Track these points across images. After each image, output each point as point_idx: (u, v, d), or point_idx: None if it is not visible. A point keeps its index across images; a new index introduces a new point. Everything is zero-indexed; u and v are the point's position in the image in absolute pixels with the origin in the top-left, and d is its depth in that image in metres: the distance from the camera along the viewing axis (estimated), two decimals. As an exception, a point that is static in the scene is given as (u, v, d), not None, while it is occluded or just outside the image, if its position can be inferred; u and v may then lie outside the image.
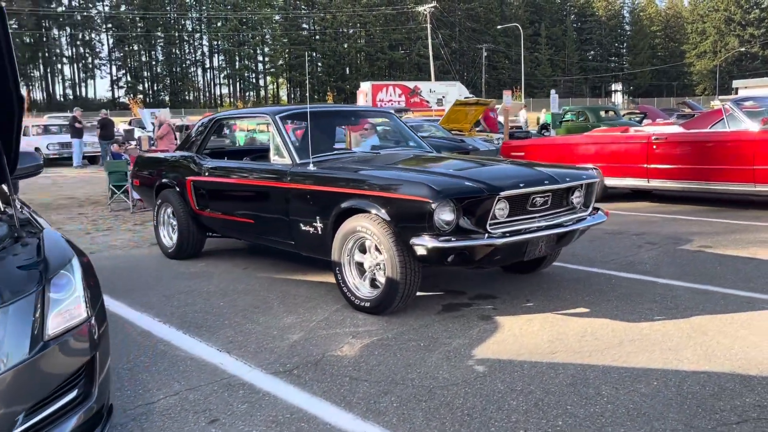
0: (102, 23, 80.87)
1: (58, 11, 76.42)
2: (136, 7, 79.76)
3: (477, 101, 16.57)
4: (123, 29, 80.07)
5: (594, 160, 8.73)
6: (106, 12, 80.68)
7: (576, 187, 4.16)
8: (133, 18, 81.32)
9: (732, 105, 7.60)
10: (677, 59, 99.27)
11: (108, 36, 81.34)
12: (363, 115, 5.73)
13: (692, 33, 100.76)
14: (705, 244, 5.82)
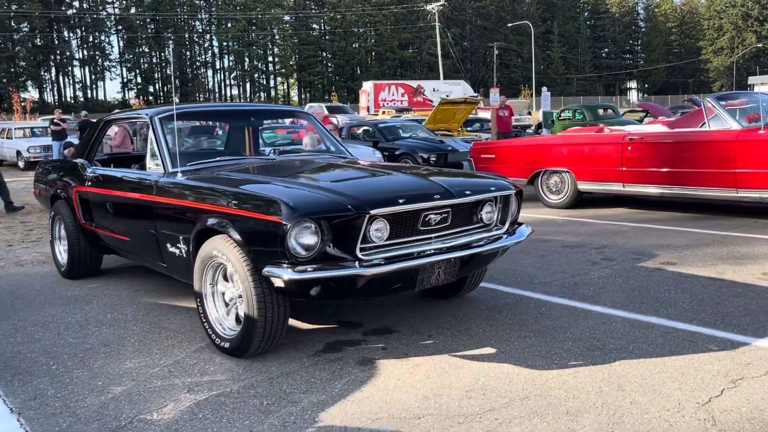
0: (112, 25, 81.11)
1: (68, 14, 76.77)
2: (146, 8, 79.91)
3: (464, 100, 15.84)
4: (133, 31, 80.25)
5: (567, 162, 8.01)
6: (116, 14, 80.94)
7: (485, 200, 3.48)
8: (143, 20, 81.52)
9: (713, 101, 6.84)
10: (693, 56, 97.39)
11: (118, 38, 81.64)
12: (267, 115, 5.00)
13: (709, 29, 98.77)
14: (669, 259, 5.09)
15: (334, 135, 9.47)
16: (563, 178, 8.15)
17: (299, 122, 6.84)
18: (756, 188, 6.36)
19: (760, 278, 4.44)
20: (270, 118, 4.83)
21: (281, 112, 5.45)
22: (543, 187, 8.41)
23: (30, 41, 72.57)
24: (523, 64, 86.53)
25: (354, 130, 13.66)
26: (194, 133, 4.81)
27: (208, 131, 4.72)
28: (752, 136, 6.38)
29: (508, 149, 8.81)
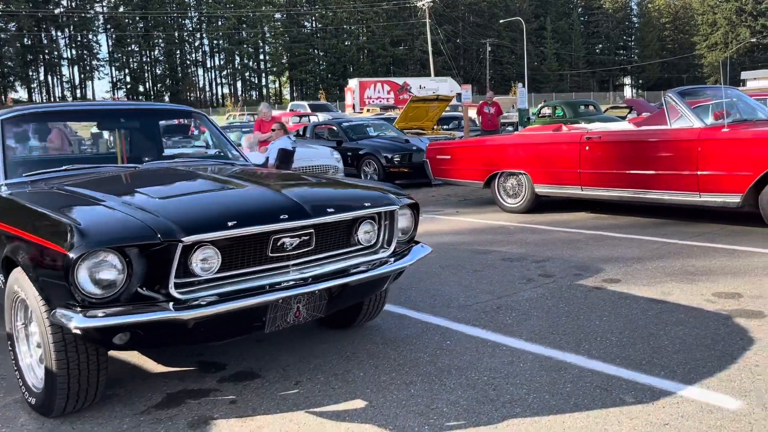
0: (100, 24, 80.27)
1: (56, 12, 75.94)
2: (135, 7, 79.11)
3: (437, 97, 15.23)
4: (122, 30, 79.44)
5: (524, 164, 7.42)
6: (104, 12, 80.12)
7: (362, 218, 2.88)
8: (132, 18, 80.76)
9: (674, 97, 6.25)
10: (687, 51, 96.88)
11: (107, 37, 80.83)
12: (141, 115, 4.30)
13: (702, 24, 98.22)
14: (614, 276, 4.50)
15: (277, 136, 8.90)
16: (520, 180, 7.56)
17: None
18: (719, 192, 5.77)
19: (708, 300, 3.85)
20: (147, 119, 4.16)
21: (160, 111, 4.71)
22: (500, 191, 7.82)
23: (19, 41, 71.75)
24: (516, 61, 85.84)
25: (318, 130, 13.05)
26: (40, 138, 4.19)
27: (60, 135, 4.13)
28: (715, 134, 5.79)
29: (463, 150, 8.21)
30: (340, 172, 10.44)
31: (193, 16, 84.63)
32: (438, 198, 9.61)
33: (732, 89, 6.99)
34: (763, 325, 3.39)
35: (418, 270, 4.93)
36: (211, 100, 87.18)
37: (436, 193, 10.17)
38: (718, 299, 3.87)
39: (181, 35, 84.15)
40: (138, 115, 4.14)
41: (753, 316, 3.54)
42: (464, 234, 6.48)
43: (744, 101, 6.84)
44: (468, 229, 6.73)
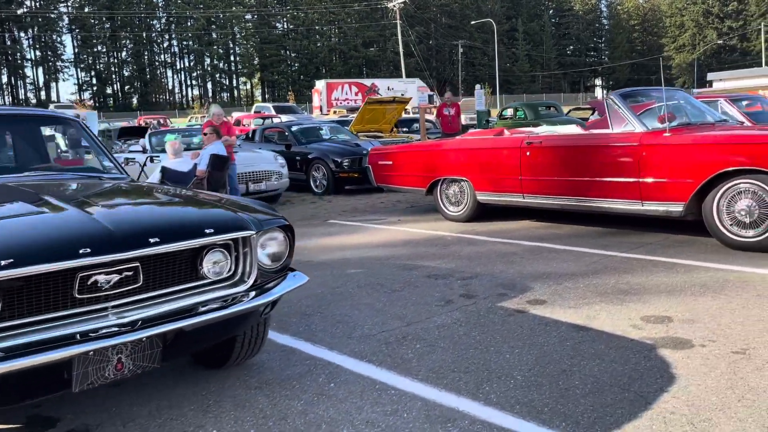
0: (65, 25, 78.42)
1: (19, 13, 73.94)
2: (101, 7, 77.43)
3: (393, 99, 14.81)
4: (87, 30, 77.71)
5: (465, 170, 7.02)
6: (69, 13, 78.28)
7: (206, 247, 2.42)
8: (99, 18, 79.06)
9: (616, 99, 5.89)
10: (656, 53, 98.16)
11: (72, 37, 78.97)
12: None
13: (671, 26, 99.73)
14: (540, 296, 4.11)
15: (209, 141, 8.38)
16: (462, 187, 7.16)
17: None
18: (662, 200, 5.43)
19: (634, 326, 3.47)
20: (13, 126, 3.61)
21: (21, 117, 4.09)
22: (442, 198, 7.42)
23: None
24: (489, 62, 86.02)
25: (268, 133, 12.54)
26: None
27: None
28: (657, 139, 5.45)
29: (405, 155, 7.79)
30: (284, 177, 9.98)
31: (162, 16, 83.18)
32: (386, 204, 9.19)
33: (678, 91, 6.68)
34: (688, 357, 3.00)
35: (333, 291, 4.49)
36: (181, 101, 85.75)
37: (385, 199, 9.75)
38: (645, 324, 3.49)
39: (149, 36, 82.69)
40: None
41: (679, 345, 3.16)
42: (397, 246, 6.05)
43: (691, 104, 6.54)
44: (402, 241, 6.31)
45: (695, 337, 3.26)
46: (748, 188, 4.97)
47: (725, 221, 5.13)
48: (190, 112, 50.73)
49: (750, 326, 3.37)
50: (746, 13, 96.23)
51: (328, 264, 5.38)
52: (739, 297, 3.89)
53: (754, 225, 4.98)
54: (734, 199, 5.06)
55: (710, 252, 5.07)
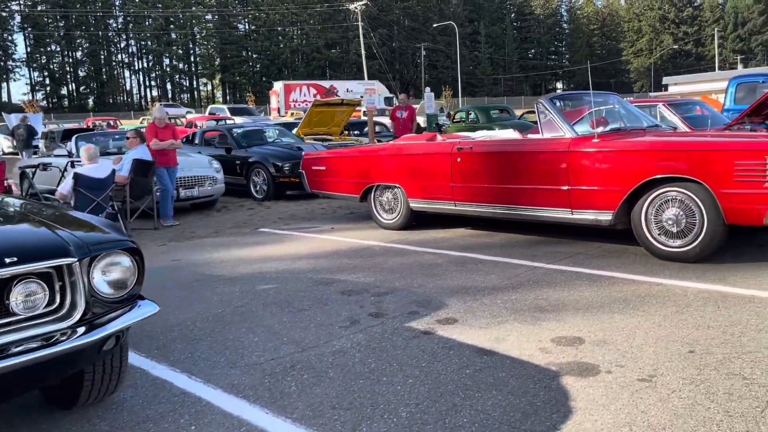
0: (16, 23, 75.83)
1: (-34, 10, 71.31)
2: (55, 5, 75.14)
3: (341, 101, 14.47)
4: (40, 29, 75.32)
5: (398, 176, 6.74)
6: (21, 11, 75.72)
7: (11, 278, 2.06)
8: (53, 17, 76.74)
9: (545, 103, 5.68)
10: (615, 57, 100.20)
11: (25, 36, 76.41)
12: None
13: (629, 31, 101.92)
14: (453, 314, 3.83)
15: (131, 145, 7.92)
16: (396, 194, 6.89)
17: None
18: (591, 208, 5.23)
19: (543, 349, 3.22)
20: None
21: None
22: (376, 205, 7.13)
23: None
24: (451, 65, 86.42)
25: (208, 136, 12.07)
26: None
27: None
28: (585, 146, 5.25)
29: (338, 160, 7.47)
30: (219, 183, 9.55)
31: (119, 15, 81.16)
32: (326, 211, 8.86)
33: (612, 95, 6.52)
34: (590, 386, 2.76)
35: (234, 310, 4.14)
36: (139, 103, 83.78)
37: (326, 205, 9.41)
38: (554, 347, 3.24)
39: (106, 35, 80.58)
40: None
41: (585, 372, 2.92)
42: (320, 257, 5.72)
43: (626, 109, 6.39)
44: (328, 252, 5.98)
45: (603, 362, 3.02)
46: (676, 197, 4.80)
47: (653, 230, 4.95)
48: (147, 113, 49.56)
49: (663, 348, 3.15)
50: (701, 18, 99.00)
51: (240, 279, 5.03)
52: (657, 313, 3.68)
53: (681, 235, 4.81)
54: (662, 207, 4.89)
55: (638, 263, 4.89)
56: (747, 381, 2.72)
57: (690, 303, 3.84)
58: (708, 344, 3.17)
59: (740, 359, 2.96)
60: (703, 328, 3.41)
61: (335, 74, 79.57)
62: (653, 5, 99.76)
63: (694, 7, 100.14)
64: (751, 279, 4.27)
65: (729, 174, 4.46)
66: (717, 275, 4.41)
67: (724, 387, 2.68)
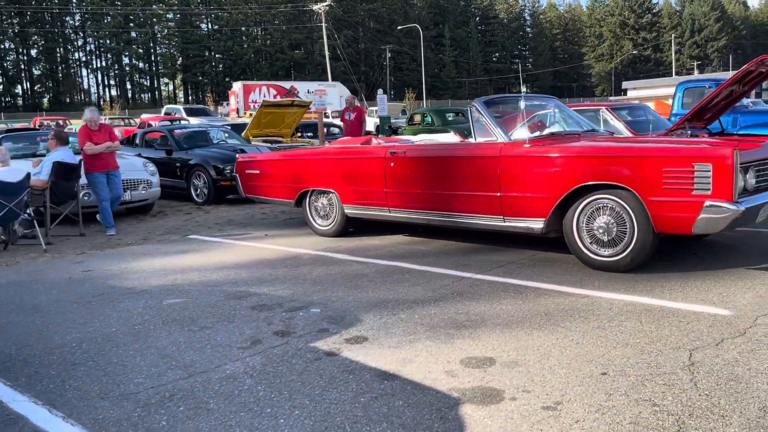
0: (-34, 18, 73.22)
1: None
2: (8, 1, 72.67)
3: (292, 102, 14.12)
4: (-8, 25, 72.78)
5: (332, 181, 6.46)
6: (-29, 6, 73.07)
7: None
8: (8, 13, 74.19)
9: (479, 107, 5.47)
10: (577, 61, 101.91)
11: (-24, 32, 73.74)
12: None
13: (590, 36, 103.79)
14: (365, 332, 3.57)
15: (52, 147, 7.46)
16: (330, 200, 6.61)
17: None
18: (522, 216, 5.04)
19: (449, 372, 2.97)
20: None
21: None
22: (311, 211, 6.84)
23: None
24: (417, 67, 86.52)
25: (150, 137, 11.60)
26: None
27: None
28: (516, 151, 5.05)
29: (272, 164, 7.15)
30: (155, 186, 9.12)
31: (75, 12, 78.92)
32: (266, 216, 8.53)
33: (551, 99, 6.36)
34: (491, 417, 2.52)
35: (129, 329, 3.80)
36: (98, 102, 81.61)
37: (268, 210, 9.07)
38: (462, 370, 3.00)
39: (62, 33, 78.30)
40: None
41: (488, 399, 2.68)
42: (243, 267, 5.40)
43: (565, 113, 6.23)
44: (253, 261, 5.66)
45: (510, 387, 2.79)
46: (607, 204, 4.64)
47: (585, 239, 4.78)
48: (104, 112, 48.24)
49: (576, 369, 2.94)
50: (659, 25, 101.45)
51: (149, 292, 4.68)
52: (578, 329, 3.48)
53: (612, 243, 4.64)
54: (593, 215, 4.72)
55: (570, 273, 4.70)
56: (656, 408, 2.52)
57: (613, 317, 3.65)
58: (623, 364, 2.97)
59: (653, 382, 2.76)
60: (621, 345, 3.21)
61: (300, 75, 78.91)
62: (614, 11, 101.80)
63: (653, 14, 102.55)
64: (679, 290, 4.11)
65: (658, 181, 4.30)
66: (646, 286, 4.24)
67: (630, 415, 2.47)
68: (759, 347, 3.10)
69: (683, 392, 2.65)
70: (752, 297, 3.90)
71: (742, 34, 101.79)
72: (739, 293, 3.99)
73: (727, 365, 2.90)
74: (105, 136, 7.78)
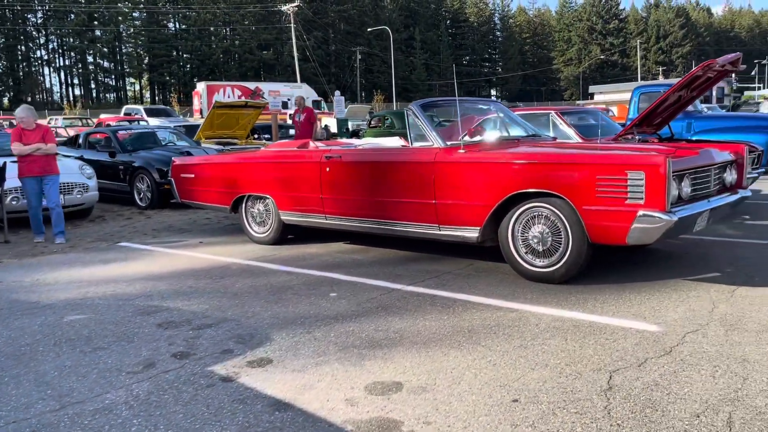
0: None
1: None
2: (-34, -4, 70.47)
3: (245, 103, 13.75)
4: (-51, 21, 70.47)
5: (268, 186, 6.16)
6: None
7: None
8: (-35, 9, 71.96)
9: (416, 110, 5.24)
10: (546, 65, 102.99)
11: (-69, 29, 71.30)
12: None
13: (559, 41, 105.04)
14: (270, 354, 3.29)
15: None
16: (267, 206, 6.31)
17: None
18: (458, 224, 4.82)
19: (348, 401, 2.71)
20: None
21: None
22: (248, 217, 6.53)
23: None
24: (387, 70, 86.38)
25: (93, 138, 11.13)
26: None
27: None
28: (451, 157, 4.83)
29: (207, 167, 6.82)
30: (92, 191, 8.68)
31: (38, 9, 76.87)
32: (210, 221, 8.19)
33: (495, 102, 6.17)
34: (380, 456, 2.27)
35: (15, 351, 3.47)
36: (60, 101, 79.55)
37: (212, 215, 8.70)
38: (365, 397, 2.75)
39: (24, 30, 76.15)
40: None
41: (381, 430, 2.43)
42: (165, 279, 5.07)
43: (509, 117, 6.04)
44: (179, 271, 5.34)
45: (411, 417, 2.54)
46: (542, 213, 4.44)
47: (520, 249, 4.58)
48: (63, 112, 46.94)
49: (486, 395, 2.71)
50: (626, 30, 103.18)
51: (53, 307, 4.32)
52: (498, 348, 3.25)
53: (547, 254, 4.45)
54: (529, 224, 4.52)
55: (504, 284, 4.50)
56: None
57: (538, 334, 3.44)
58: (537, 390, 2.75)
59: (565, 410, 2.54)
60: (540, 367, 3.00)
61: (269, 76, 78.09)
62: (582, 16, 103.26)
63: (620, 20, 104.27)
64: (612, 304, 3.93)
65: (591, 189, 4.12)
66: (579, 299, 4.05)
67: (533, 452, 2.24)
68: (682, 368, 2.91)
69: (594, 422, 2.43)
70: (684, 311, 3.74)
71: (705, 40, 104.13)
72: (672, 307, 3.82)
73: (646, 389, 2.71)
74: (38, 137, 7.29)
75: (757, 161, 7.26)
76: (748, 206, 7.41)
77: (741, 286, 4.20)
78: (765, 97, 37.65)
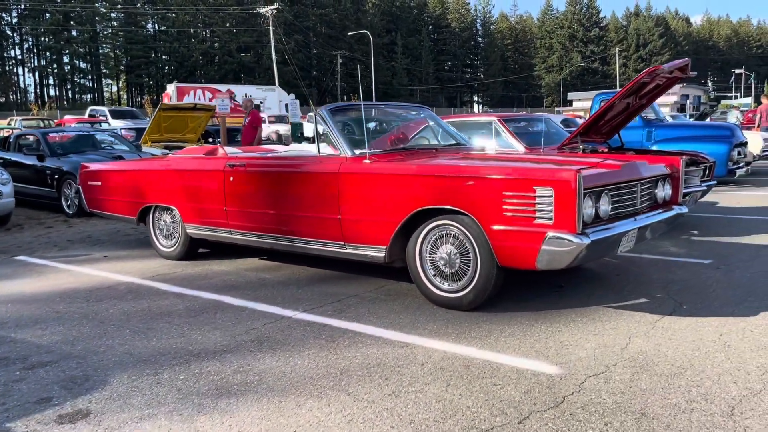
0: None
1: None
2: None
3: (194, 106, 13.17)
4: None
5: (173, 196, 5.61)
6: None
7: None
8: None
9: (324, 114, 4.73)
10: (527, 71, 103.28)
11: None
12: None
13: (540, 48, 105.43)
14: (88, 405, 2.75)
15: None
16: (174, 217, 5.76)
17: None
18: (363, 243, 4.31)
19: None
20: None
21: None
22: (155, 230, 5.97)
23: None
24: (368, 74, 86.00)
25: (23, 141, 10.48)
26: None
27: None
28: (356, 167, 4.33)
29: (113, 175, 6.26)
30: (7, 197, 8.06)
31: (13, 8, 75.38)
32: (136, 232, 7.59)
33: (425, 109, 5.69)
34: None
35: None
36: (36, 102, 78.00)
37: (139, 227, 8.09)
38: (171, 468, 2.21)
39: (-3, 28, 74.61)
40: None
41: None
42: (33, 302, 4.50)
43: (438, 125, 5.56)
44: (55, 292, 4.76)
45: (211, 501, 2.02)
46: (450, 232, 3.95)
47: (428, 271, 4.09)
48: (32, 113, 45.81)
49: (320, 467, 2.20)
50: (606, 38, 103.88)
51: None
52: (365, 397, 2.75)
53: (455, 277, 3.96)
54: (437, 244, 4.03)
55: (408, 311, 3.99)
56: None
57: (419, 378, 2.94)
58: (385, 459, 2.24)
59: (405, 492, 2.03)
60: (403, 425, 2.49)
61: (248, 79, 77.21)
62: (563, 24, 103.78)
63: (601, 28, 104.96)
64: (518, 337, 3.44)
65: (498, 207, 3.63)
66: (484, 331, 3.56)
67: None
68: (567, 427, 2.42)
69: None
70: (594, 348, 3.26)
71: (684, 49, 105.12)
72: (582, 342, 3.34)
73: (515, 459, 2.21)
74: None
75: (708, 173, 6.85)
76: (699, 221, 7.01)
77: (666, 316, 3.74)
78: (732, 106, 37.70)
